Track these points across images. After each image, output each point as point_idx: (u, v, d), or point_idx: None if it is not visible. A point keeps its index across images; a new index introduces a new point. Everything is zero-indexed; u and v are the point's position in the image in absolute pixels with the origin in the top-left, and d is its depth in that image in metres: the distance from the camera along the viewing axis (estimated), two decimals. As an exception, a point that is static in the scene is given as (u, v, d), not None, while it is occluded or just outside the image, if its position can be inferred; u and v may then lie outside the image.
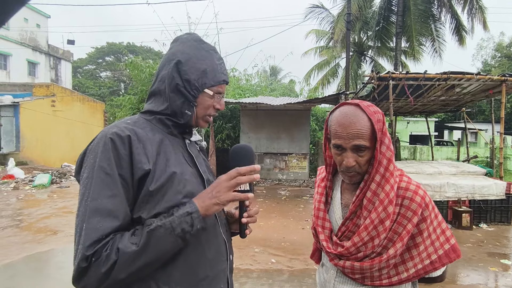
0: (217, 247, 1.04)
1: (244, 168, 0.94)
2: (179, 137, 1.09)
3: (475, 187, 6.13)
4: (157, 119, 1.04)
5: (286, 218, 6.57)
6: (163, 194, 0.92)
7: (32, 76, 24.13)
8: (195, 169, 1.06)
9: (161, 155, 0.97)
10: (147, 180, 0.91)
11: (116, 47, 34.44)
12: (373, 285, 1.12)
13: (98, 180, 0.87)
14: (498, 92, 6.93)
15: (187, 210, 0.89)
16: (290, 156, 11.28)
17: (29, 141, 14.69)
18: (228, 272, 1.10)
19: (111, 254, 0.82)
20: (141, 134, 0.96)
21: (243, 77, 15.51)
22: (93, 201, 0.85)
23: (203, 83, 1.03)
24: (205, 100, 1.06)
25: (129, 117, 1.06)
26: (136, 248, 0.83)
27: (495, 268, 4.25)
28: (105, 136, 0.91)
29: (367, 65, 20.19)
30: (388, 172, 1.07)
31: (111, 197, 0.86)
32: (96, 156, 0.89)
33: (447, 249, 1.10)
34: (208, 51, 1.07)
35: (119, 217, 0.86)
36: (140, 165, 0.90)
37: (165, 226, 0.86)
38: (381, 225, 1.06)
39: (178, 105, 1.03)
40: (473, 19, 14.43)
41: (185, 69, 1.01)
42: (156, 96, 1.06)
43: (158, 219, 0.88)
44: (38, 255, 4.55)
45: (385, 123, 1.10)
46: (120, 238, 0.85)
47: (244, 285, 3.68)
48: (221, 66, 1.09)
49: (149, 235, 0.84)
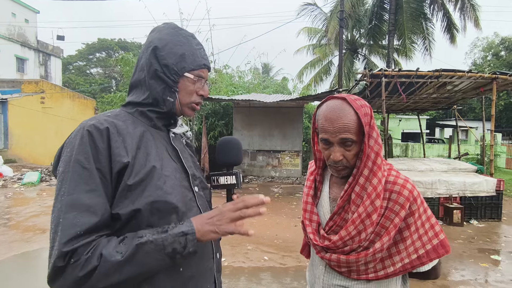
0: (203, 246, 0.99)
1: (252, 200, 0.90)
2: (163, 129, 1.04)
3: (466, 184, 6.18)
4: (139, 111, 1.00)
5: (279, 215, 6.55)
6: (143, 189, 0.88)
7: (20, 73, 23.69)
8: (180, 164, 1.02)
9: (142, 149, 0.92)
10: (125, 174, 0.86)
11: (107, 43, 34.04)
12: (360, 279, 1.11)
13: (74, 174, 0.82)
14: (489, 90, 6.99)
15: (183, 230, 0.84)
16: (283, 153, 11.28)
17: (18, 138, 14.45)
18: (215, 272, 1.06)
19: (92, 258, 0.77)
20: (121, 127, 0.92)
21: (236, 74, 15.43)
22: (69, 196, 0.81)
23: (182, 67, 1.00)
24: (187, 85, 1.02)
25: (110, 110, 1.02)
26: (120, 258, 0.77)
27: (485, 263, 4.29)
28: (82, 129, 0.87)
29: (360, 62, 20.31)
30: (376, 165, 1.06)
31: (88, 191, 0.82)
32: (72, 150, 0.85)
33: (435, 244, 1.09)
34: (185, 37, 1.03)
35: (97, 213, 0.82)
36: (118, 158, 0.86)
37: (156, 243, 0.81)
38: (368, 219, 1.05)
39: (159, 92, 0.99)
40: (465, 17, 14.56)
41: (163, 54, 0.98)
42: (136, 87, 1.03)
43: (151, 233, 0.83)
44: (26, 254, 4.46)
45: (373, 117, 1.09)
46: (105, 243, 0.80)
47: (236, 282, 3.64)
48: (201, 51, 1.06)
49: (137, 248, 0.79)
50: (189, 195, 0.99)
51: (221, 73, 14.55)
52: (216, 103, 11.82)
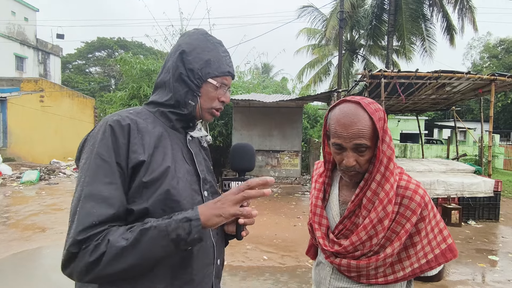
0: (204, 250, 1.00)
1: (255, 181, 0.87)
2: (181, 131, 1.06)
3: (464, 184, 6.21)
4: (160, 112, 1.03)
5: (278, 215, 6.57)
6: (157, 187, 0.90)
7: (20, 71, 23.59)
8: (193, 167, 1.04)
9: (159, 149, 0.95)
10: (141, 171, 0.89)
11: (106, 42, 33.94)
12: (369, 283, 1.11)
13: (95, 166, 0.85)
14: (488, 91, 7.03)
15: (186, 216, 0.84)
16: (282, 153, 11.29)
17: (17, 137, 14.41)
18: (214, 278, 1.05)
19: (101, 244, 0.79)
20: (142, 125, 0.95)
21: (236, 74, 15.45)
22: (88, 187, 0.84)
23: (207, 72, 1.02)
24: (209, 91, 1.04)
25: (133, 107, 1.04)
26: (125, 244, 0.79)
27: (483, 264, 4.32)
28: (105, 124, 0.90)
29: (359, 63, 20.34)
30: (388, 171, 1.05)
31: (107, 184, 0.85)
32: (95, 143, 0.88)
33: (444, 248, 1.09)
34: (213, 44, 1.06)
35: (114, 205, 0.84)
36: (135, 155, 0.89)
37: (160, 228, 0.81)
38: (379, 225, 1.04)
39: (182, 95, 1.02)
40: (464, 19, 14.61)
41: (189, 58, 1.01)
42: (161, 88, 1.06)
43: (155, 219, 0.84)
44: (25, 253, 4.47)
45: (386, 120, 1.07)
46: (115, 231, 0.82)
47: (236, 282, 3.66)
48: (227, 58, 1.08)
49: (141, 233, 0.80)
50: (197, 199, 1.00)
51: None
52: (215, 103, 11.78)
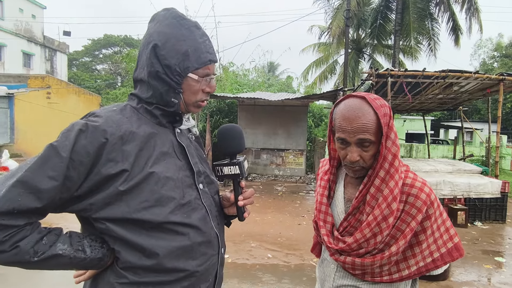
0: (208, 242, 0.99)
1: None
2: (168, 126, 1.00)
3: (470, 185, 6.16)
4: (144, 108, 0.97)
5: (283, 213, 6.57)
6: (138, 194, 0.87)
7: (27, 68, 23.84)
8: (185, 161, 1.00)
9: (143, 152, 0.90)
10: (118, 179, 0.85)
11: (113, 40, 34.11)
12: (374, 281, 1.10)
13: (45, 156, 0.80)
14: (496, 91, 6.95)
15: (100, 257, 0.89)
16: (287, 152, 11.27)
17: (24, 133, 14.55)
18: (218, 265, 1.06)
19: (5, 244, 0.77)
20: (125, 126, 0.89)
21: (241, 72, 15.44)
22: (29, 173, 0.78)
23: (186, 67, 0.93)
24: (191, 85, 0.96)
25: (116, 104, 0.99)
26: (33, 260, 0.80)
27: (489, 265, 4.28)
28: (78, 123, 0.86)
29: (365, 62, 20.20)
30: (393, 167, 1.03)
31: (49, 178, 0.79)
32: (58, 137, 0.84)
33: (450, 247, 1.08)
34: (188, 29, 0.95)
35: (43, 200, 0.79)
36: (111, 163, 0.85)
37: (74, 261, 0.86)
38: (384, 222, 1.03)
39: (163, 94, 0.94)
40: (471, 19, 14.46)
41: (163, 53, 0.91)
42: (140, 82, 0.98)
43: (73, 248, 0.86)
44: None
45: (392, 117, 1.05)
46: (28, 236, 0.80)
47: (240, 279, 3.67)
48: (205, 44, 0.97)
49: (53, 257, 0.83)
50: (193, 194, 0.97)
51: (227, 70, 14.55)
52: (221, 101, 11.83)
